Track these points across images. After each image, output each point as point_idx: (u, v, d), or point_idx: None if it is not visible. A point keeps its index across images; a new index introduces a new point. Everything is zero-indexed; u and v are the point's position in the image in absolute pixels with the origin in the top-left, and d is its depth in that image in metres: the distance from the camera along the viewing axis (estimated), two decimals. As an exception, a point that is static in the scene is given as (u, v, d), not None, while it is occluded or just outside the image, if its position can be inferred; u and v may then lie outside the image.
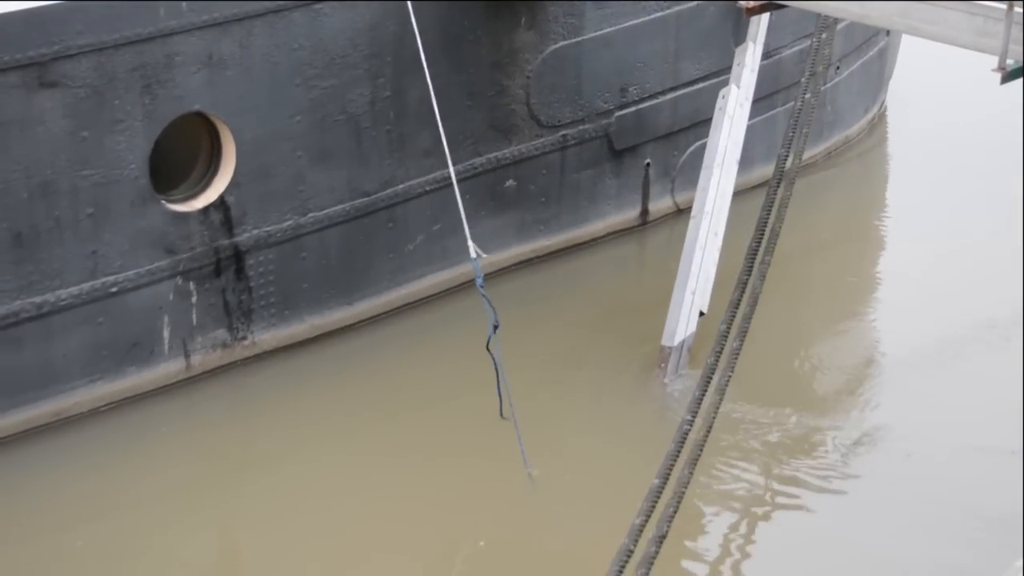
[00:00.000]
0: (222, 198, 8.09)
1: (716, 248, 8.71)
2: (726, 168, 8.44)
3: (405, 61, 8.61)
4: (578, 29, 9.46)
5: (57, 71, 7.21)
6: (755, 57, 8.24)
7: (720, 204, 8.55)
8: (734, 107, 8.31)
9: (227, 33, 7.82)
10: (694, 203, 8.70)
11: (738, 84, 8.24)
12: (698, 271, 8.54)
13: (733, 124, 8.34)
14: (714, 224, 8.61)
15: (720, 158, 8.41)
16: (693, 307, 8.58)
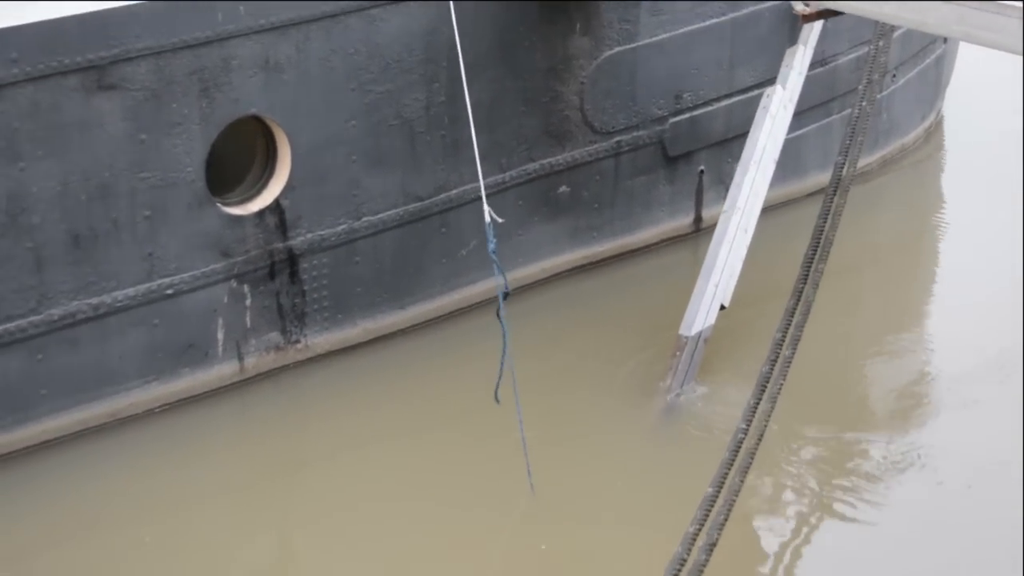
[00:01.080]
0: (277, 202, 8.13)
1: (744, 245, 8.67)
2: (763, 167, 8.41)
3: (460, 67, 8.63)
4: (633, 35, 9.45)
5: (116, 74, 7.28)
6: (804, 61, 8.21)
7: (752, 202, 8.51)
8: (777, 108, 8.27)
9: (284, 37, 7.87)
10: (727, 198, 8.65)
11: (784, 85, 8.21)
12: (723, 265, 8.50)
13: (775, 124, 8.30)
14: (744, 221, 8.57)
15: (758, 156, 8.38)
16: (715, 299, 8.55)
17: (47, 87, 7.10)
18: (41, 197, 7.26)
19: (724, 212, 8.66)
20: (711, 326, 8.57)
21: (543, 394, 8.31)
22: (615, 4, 9.26)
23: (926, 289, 10.60)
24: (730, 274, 8.59)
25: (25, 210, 7.22)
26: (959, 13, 6.87)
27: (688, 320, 8.54)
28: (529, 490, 7.50)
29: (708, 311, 8.52)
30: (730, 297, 8.65)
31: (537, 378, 8.37)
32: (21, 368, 7.49)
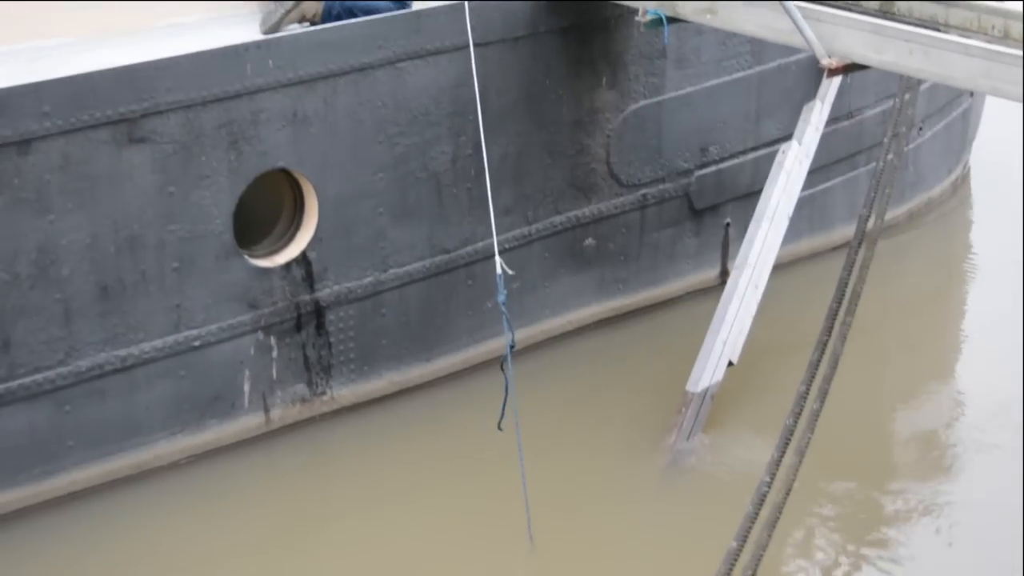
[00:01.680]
0: (304, 254, 8.16)
1: (755, 301, 8.64)
2: (776, 223, 8.40)
3: (487, 119, 8.65)
4: (659, 88, 9.49)
5: (146, 127, 7.34)
6: (821, 116, 8.22)
7: (764, 258, 8.49)
8: (792, 163, 8.27)
9: (312, 91, 7.93)
10: (739, 253, 8.65)
11: (800, 141, 8.21)
12: (732, 320, 8.47)
13: (789, 180, 8.30)
14: (755, 277, 8.55)
15: (771, 212, 8.38)
16: (722, 356, 8.51)
17: (78, 140, 7.16)
18: (71, 249, 7.30)
19: (735, 267, 8.67)
20: (718, 383, 8.54)
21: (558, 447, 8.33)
22: (642, 58, 9.30)
23: (954, 341, 10.54)
24: (739, 330, 8.56)
25: (55, 262, 7.27)
26: (985, 67, 6.87)
27: (695, 376, 8.51)
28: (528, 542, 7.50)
29: (716, 367, 8.49)
30: (739, 354, 8.61)
31: (555, 431, 8.39)
32: (49, 419, 7.51)
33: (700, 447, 8.50)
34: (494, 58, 8.60)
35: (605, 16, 8.97)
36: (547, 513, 7.67)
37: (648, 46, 9.29)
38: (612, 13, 8.94)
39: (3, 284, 7.15)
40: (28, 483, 7.53)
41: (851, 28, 7.45)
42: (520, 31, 8.71)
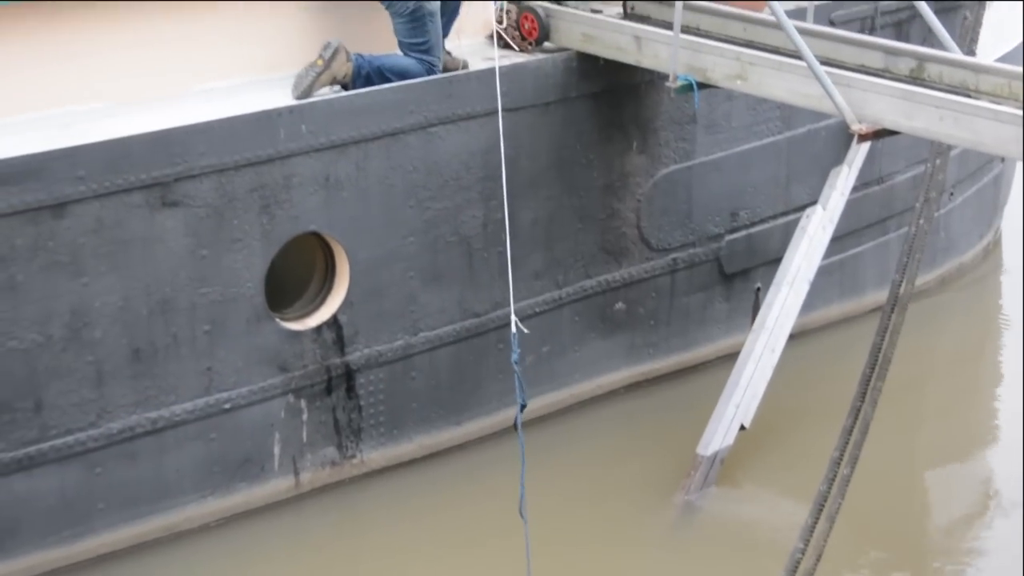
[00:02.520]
0: (335, 317, 8.19)
1: (771, 365, 8.61)
2: (796, 287, 8.40)
3: (518, 184, 8.71)
4: (689, 153, 9.52)
5: (179, 191, 7.40)
6: (847, 182, 8.25)
7: (783, 322, 8.50)
8: (816, 229, 8.29)
9: (344, 155, 7.98)
10: (758, 316, 8.63)
11: (824, 206, 8.23)
12: (746, 384, 8.45)
13: (811, 245, 8.30)
14: (772, 341, 8.53)
15: (791, 277, 8.38)
16: (735, 419, 8.48)
17: (112, 204, 7.22)
18: (103, 312, 7.35)
19: (752, 331, 8.65)
20: (729, 447, 8.50)
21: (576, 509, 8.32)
22: (672, 123, 9.34)
23: (987, 407, 10.48)
24: (753, 394, 8.53)
25: (87, 324, 7.31)
26: (1016, 134, 6.87)
27: (706, 439, 8.48)
28: None
29: (727, 431, 8.45)
30: (751, 418, 8.57)
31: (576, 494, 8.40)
32: (79, 481, 7.53)
33: (710, 503, 8.42)
34: (525, 123, 8.65)
35: (636, 81, 9.02)
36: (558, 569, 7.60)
37: (678, 111, 9.33)
38: (643, 78, 8.98)
39: (36, 346, 7.19)
40: (58, 545, 7.54)
41: (881, 94, 7.47)
42: (551, 96, 8.76)
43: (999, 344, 11.29)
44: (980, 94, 7.52)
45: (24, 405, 7.25)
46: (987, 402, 10.51)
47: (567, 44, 8.86)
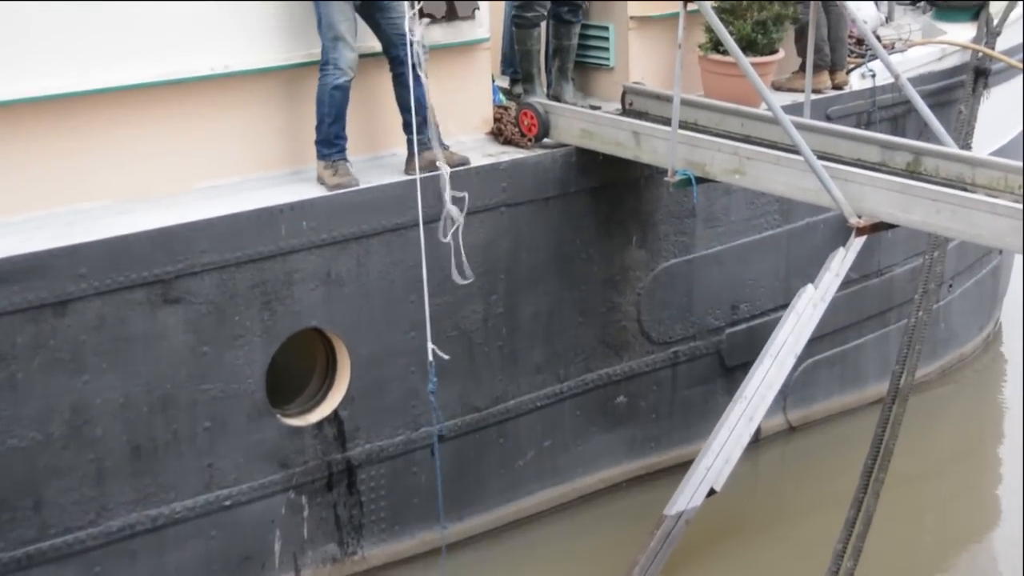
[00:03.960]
0: (336, 412, 8.18)
1: (747, 433, 8.53)
2: (779, 361, 8.37)
3: (518, 277, 8.75)
4: (689, 247, 9.56)
5: (181, 288, 7.42)
6: (843, 264, 8.24)
7: (762, 393, 8.44)
8: (805, 305, 8.28)
9: (345, 251, 8.01)
10: (741, 386, 8.61)
11: (816, 285, 8.24)
12: (719, 449, 8.39)
13: (799, 322, 8.30)
14: (751, 410, 8.48)
15: (776, 350, 8.36)
16: (704, 482, 8.40)
17: (113, 301, 7.24)
18: (104, 409, 7.34)
19: (734, 400, 8.63)
20: (695, 508, 8.39)
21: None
22: (671, 217, 9.39)
23: (988, 499, 10.43)
24: (726, 459, 8.46)
25: (88, 422, 7.30)
26: (1013, 226, 6.91)
27: (673, 499, 8.40)
28: None
29: (695, 492, 8.37)
30: (722, 483, 8.48)
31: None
32: (78, 580, 7.48)
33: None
34: (525, 218, 8.70)
35: (635, 176, 9.09)
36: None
37: (678, 205, 9.39)
38: (642, 173, 9.05)
39: (36, 444, 7.17)
40: (56, 645, 7.47)
41: (878, 188, 7.53)
42: (551, 191, 8.82)
43: (1000, 436, 11.26)
44: (976, 187, 7.59)
45: (23, 504, 7.21)
46: (989, 494, 10.46)
47: (566, 140, 8.93)
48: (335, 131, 8.04)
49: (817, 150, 7.86)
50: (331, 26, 7.89)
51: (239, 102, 8.01)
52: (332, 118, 8.00)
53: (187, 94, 7.78)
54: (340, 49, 7.91)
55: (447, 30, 8.69)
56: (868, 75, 10.40)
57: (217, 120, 7.95)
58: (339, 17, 7.89)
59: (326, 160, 8.05)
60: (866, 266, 10.66)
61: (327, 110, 7.99)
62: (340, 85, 7.94)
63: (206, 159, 7.97)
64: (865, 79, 10.42)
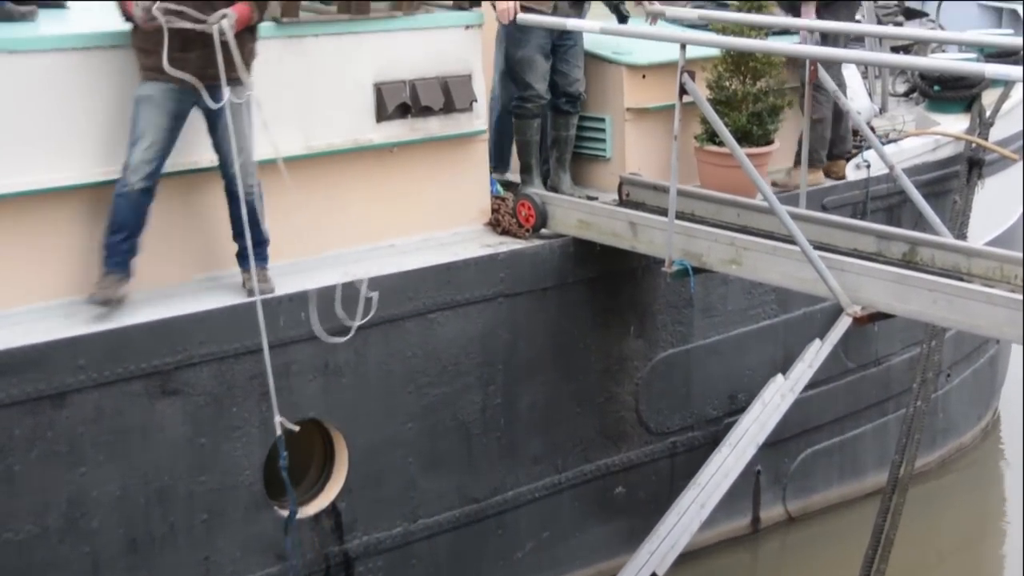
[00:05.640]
0: (334, 504, 8.14)
1: (698, 520, 8.53)
2: (738, 450, 8.37)
3: (516, 369, 8.75)
4: (687, 337, 9.58)
5: (179, 379, 7.41)
6: (818, 355, 8.28)
7: (717, 480, 8.44)
8: (772, 395, 8.29)
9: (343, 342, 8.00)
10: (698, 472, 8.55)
11: (787, 375, 8.22)
12: (666, 534, 8.33)
13: (764, 411, 8.29)
14: (703, 497, 8.46)
15: (736, 439, 8.36)
16: (647, 566, 8.35)
17: (112, 393, 7.23)
18: (101, 501, 7.29)
19: (688, 487, 8.58)
20: None
21: None
22: (669, 307, 9.42)
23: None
24: (671, 544, 8.42)
25: (84, 515, 7.25)
26: (1010, 316, 6.93)
27: None
28: None
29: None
30: (666, 568, 8.41)
31: None
32: (72, 676, 7.39)
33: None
34: (523, 308, 8.72)
35: (632, 266, 9.12)
36: None
37: (675, 295, 9.42)
38: (639, 263, 9.09)
39: (32, 537, 7.12)
40: None
41: (875, 278, 7.55)
42: (549, 282, 8.85)
43: (1001, 526, 11.21)
44: (973, 277, 7.62)
45: (19, 597, 7.16)
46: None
47: (564, 230, 8.98)
48: (112, 240, 7.41)
49: (813, 240, 7.90)
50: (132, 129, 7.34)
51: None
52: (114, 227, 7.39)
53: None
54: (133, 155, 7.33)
55: (444, 122, 8.77)
56: (863, 166, 10.48)
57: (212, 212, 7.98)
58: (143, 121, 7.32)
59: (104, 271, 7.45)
60: (863, 355, 10.68)
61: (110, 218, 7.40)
62: (123, 193, 7.34)
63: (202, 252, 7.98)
64: (860, 169, 10.50)
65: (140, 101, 7.31)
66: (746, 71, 9.60)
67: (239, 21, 7.22)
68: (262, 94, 7.84)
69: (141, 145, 7.28)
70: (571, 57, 9.40)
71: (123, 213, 7.35)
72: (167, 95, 7.29)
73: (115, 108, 7.46)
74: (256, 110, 7.37)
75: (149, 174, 7.32)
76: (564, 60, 9.39)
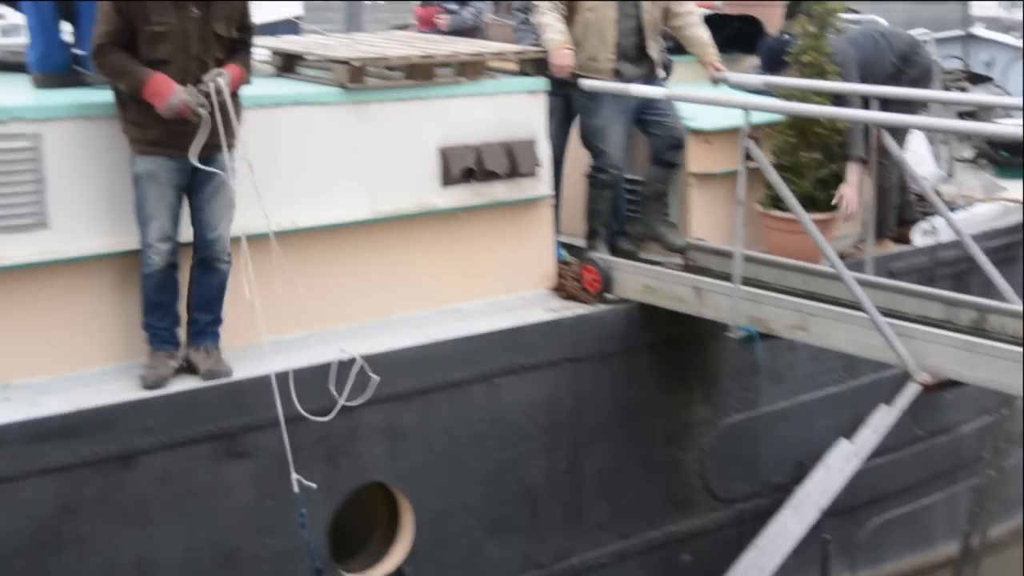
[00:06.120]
0: (400, 569, 8.13)
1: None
2: (800, 515, 8.22)
3: (581, 433, 8.74)
4: (753, 403, 9.53)
5: (246, 442, 7.46)
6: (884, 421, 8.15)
7: (779, 545, 8.29)
8: (836, 459, 8.16)
9: (408, 406, 8.04)
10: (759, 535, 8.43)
11: (852, 440, 8.12)
12: None
13: (828, 475, 8.17)
14: (763, 560, 8.33)
15: (799, 503, 8.23)
16: None
17: (179, 455, 7.28)
18: (168, 563, 7.33)
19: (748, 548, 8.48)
20: None
21: None
22: (735, 373, 9.37)
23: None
24: None
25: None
26: (1083, 382, 6.84)
27: None
28: None
29: None
30: None
31: None
32: None
33: None
34: (588, 373, 8.71)
35: (698, 331, 9.09)
36: None
37: (741, 361, 9.37)
38: (704, 329, 9.05)
39: (100, 599, 7.17)
40: None
41: (944, 345, 7.49)
42: (613, 347, 8.84)
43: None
44: (1043, 344, 7.53)
45: (86, 659, 7.18)
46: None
47: (628, 295, 8.98)
48: (149, 321, 7.40)
49: (881, 306, 7.84)
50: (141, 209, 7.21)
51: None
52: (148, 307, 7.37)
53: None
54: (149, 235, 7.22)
55: (509, 186, 8.81)
56: (930, 232, 10.42)
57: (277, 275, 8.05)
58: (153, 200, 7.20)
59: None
60: (934, 423, 10.56)
61: (142, 299, 7.37)
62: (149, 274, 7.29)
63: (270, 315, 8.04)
64: (927, 236, 10.44)
65: (143, 179, 7.12)
66: (811, 137, 9.59)
67: (233, 80, 7.14)
68: (328, 159, 7.97)
69: (155, 225, 7.15)
70: (654, 113, 9.26)
71: (155, 293, 7.31)
72: (169, 169, 7.12)
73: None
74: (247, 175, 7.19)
75: (171, 250, 7.22)
76: (656, 125, 9.30)
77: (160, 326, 7.41)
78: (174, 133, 7.05)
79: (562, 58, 8.99)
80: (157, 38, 6.98)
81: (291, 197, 7.91)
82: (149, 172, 7.13)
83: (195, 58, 7.08)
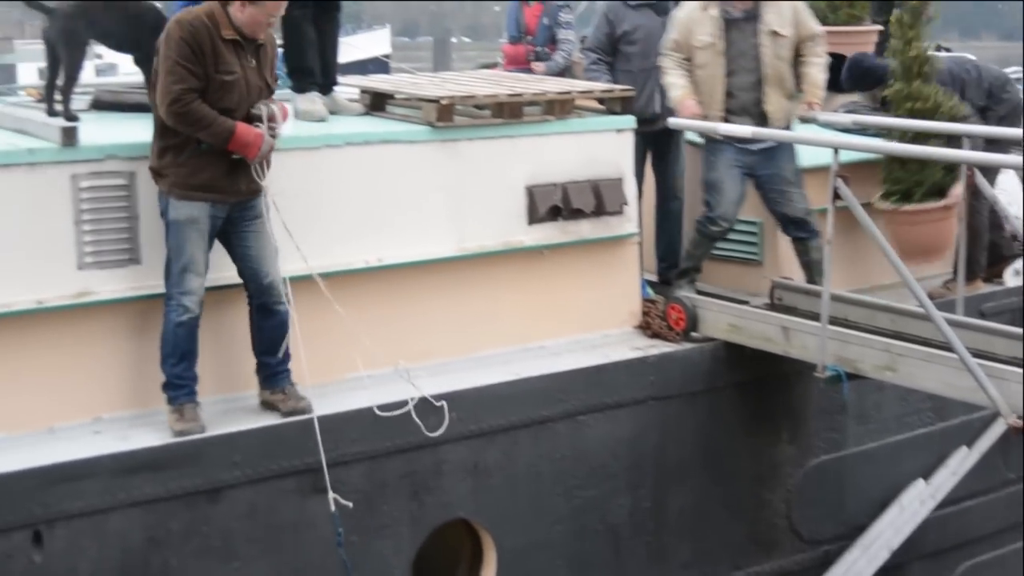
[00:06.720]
0: (482, 605, 8.13)
1: None
2: (871, 552, 8.05)
3: (666, 472, 8.69)
4: (840, 444, 9.42)
5: (331, 477, 7.48)
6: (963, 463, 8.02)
7: None
8: (911, 500, 8.01)
9: (493, 443, 8.05)
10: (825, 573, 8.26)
11: (929, 480, 7.95)
12: None
13: (902, 515, 8.00)
14: None
15: (870, 541, 8.08)
16: None
17: (265, 489, 7.33)
18: (253, 597, 7.39)
19: None
20: None
21: None
22: (822, 413, 9.28)
23: None
24: None
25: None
26: None
27: None
28: None
29: None
30: None
31: None
32: None
33: None
34: (673, 412, 8.68)
35: (784, 371, 9.01)
36: None
37: (828, 401, 9.28)
38: (791, 368, 8.97)
39: (189, 631, 7.22)
40: None
41: (1036, 386, 7.36)
42: (699, 386, 8.79)
43: None
44: None
45: None
46: None
47: (714, 334, 8.93)
48: (178, 371, 7.26)
49: (971, 347, 7.73)
50: (180, 254, 7.14)
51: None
52: (176, 358, 7.22)
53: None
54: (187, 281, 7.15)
55: (595, 225, 8.82)
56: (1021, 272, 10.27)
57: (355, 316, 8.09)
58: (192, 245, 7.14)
59: (172, 404, 7.28)
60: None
61: (170, 349, 7.21)
62: (184, 322, 7.17)
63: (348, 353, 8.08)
64: (1019, 275, 10.29)
65: (183, 225, 7.06)
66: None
67: (284, 113, 7.26)
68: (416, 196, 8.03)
69: (194, 271, 7.11)
70: (777, 184, 9.21)
71: (187, 342, 7.21)
72: (209, 215, 7.12)
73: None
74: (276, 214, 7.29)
75: (202, 300, 7.19)
76: (771, 189, 9.25)
77: (188, 375, 7.24)
78: (221, 178, 7.10)
79: (687, 109, 9.02)
80: (225, 87, 7.07)
81: (379, 234, 7.99)
82: (191, 217, 7.10)
83: (253, 106, 7.21)
